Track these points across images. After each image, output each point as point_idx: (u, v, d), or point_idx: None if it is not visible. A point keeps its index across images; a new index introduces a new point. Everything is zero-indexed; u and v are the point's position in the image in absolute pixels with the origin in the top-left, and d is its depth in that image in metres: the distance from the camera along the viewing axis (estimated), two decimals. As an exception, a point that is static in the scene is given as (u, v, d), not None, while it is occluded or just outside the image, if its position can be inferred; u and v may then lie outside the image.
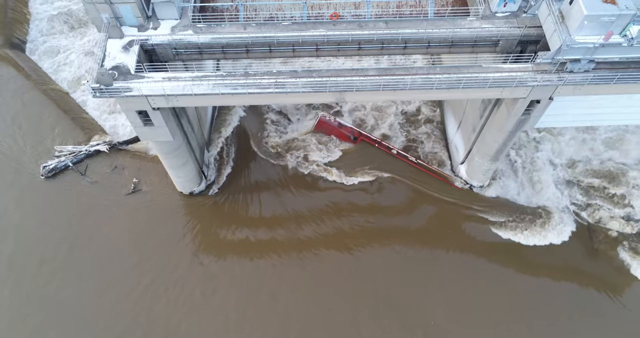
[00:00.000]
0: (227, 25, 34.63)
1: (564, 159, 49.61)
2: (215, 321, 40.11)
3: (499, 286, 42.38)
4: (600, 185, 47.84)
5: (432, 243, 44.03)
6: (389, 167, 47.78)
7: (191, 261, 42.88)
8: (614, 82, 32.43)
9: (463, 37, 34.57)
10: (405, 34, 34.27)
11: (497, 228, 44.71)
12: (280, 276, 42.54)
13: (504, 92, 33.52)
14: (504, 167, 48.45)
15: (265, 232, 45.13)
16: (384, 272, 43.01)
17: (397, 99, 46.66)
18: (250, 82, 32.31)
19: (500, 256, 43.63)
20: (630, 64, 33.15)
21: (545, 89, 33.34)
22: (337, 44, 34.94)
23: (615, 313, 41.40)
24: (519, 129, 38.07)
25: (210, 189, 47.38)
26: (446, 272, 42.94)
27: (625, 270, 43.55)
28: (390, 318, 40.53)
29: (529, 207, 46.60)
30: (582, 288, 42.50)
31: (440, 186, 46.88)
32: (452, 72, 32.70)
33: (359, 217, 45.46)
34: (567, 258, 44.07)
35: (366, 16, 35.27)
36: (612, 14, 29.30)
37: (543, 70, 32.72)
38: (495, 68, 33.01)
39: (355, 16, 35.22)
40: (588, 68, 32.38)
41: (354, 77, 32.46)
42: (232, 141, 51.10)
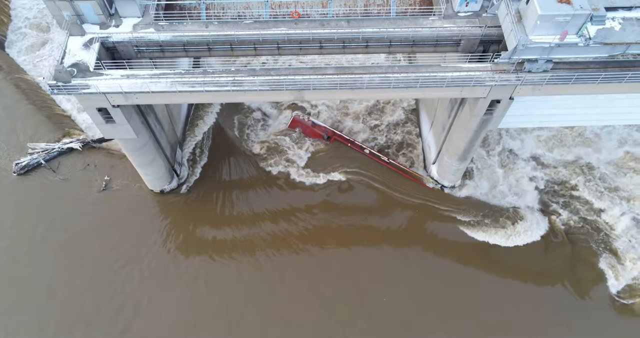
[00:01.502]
0: (189, 23, 34.68)
1: (538, 160, 49.50)
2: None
3: (467, 285, 42.32)
4: (573, 185, 47.72)
5: (400, 243, 44.03)
6: (361, 166, 47.72)
7: (160, 258, 42.88)
8: (572, 82, 32.37)
9: (424, 36, 34.53)
10: (366, 33, 34.27)
11: (466, 228, 44.68)
12: (248, 273, 42.64)
13: (463, 91, 33.47)
14: (479, 167, 48.30)
15: (235, 231, 45.21)
16: (353, 271, 42.96)
17: (356, 98, 46.46)
18: (208, 80, 32.38)
19: (468, 255, 43.57)
20: (589, 64, 33.15)
21: (505, 89, 33.29)
22: (298, 43, 34.95)
23: (581, 313, 41.27)
24: (483, 128, 38.02)
25: (182, 187, 47.38)
26: (413, 271, 42.91)
27: (595, 270, 43.38)
28: (360, 318, 40.53)
29: (501, 207, 46.51)
30: (548, 288, 42.42)
31: (411, 186, 46.85)
32: (410, 71, 32.68)
33: (329, 216, 45.47)
34: (537, 259, 43.96)
35: (329, 15, 35.29)
36: (566, 14, 29.24)
37: (502, 70, 32.68)
38: (454, 68, 32.98)
39: (322, 15, 35.18)
40: (546, 68, 32.33)
41: (311, 76, 32.46)
42: (207, 140, 51.14)
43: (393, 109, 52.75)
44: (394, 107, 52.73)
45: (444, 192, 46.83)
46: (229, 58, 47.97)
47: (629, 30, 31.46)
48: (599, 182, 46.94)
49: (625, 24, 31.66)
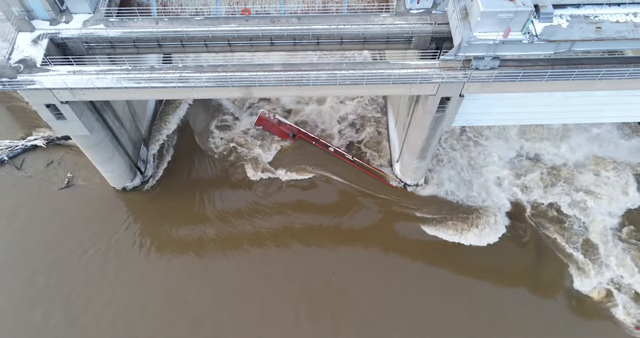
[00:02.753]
0: (140, 19, 34.57)
1: (504, 159, 49.36)
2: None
3: (428, 283, 42.19)
4: (540, 185, 47.59)
5: (361, 242, 43.86)
6: (325, 164, 47.67)
7: (118, 255, 42.79)
8: (519, 79, 32.26)
9: (375, 33, 34.43)
10: (316, 30, 34.17)
11: (427, 226, 44.51)
12: (210, 271, 42.61)
13: (412, 88, 33.38)
14: (443, 165, 48.20)
15: (198, 228, 45.06)
16: (314, 270, 42.82)
17: (304, 94, 46.01)
18: (154, 77, 32.25)
19: (429, 254, 43.44)
20: (537, 61, 33.08)
21: (453, 86, 33.19)
22: (249, 40, 34.84)
23: (542, 312, 41.17)
24: (438, 126, 37.90)
25: (145, 185, 47.29)
26: (373, 269, 42.73)
27: (559, 270, 43.23)
28: (318, 316, 40.46)
29: (466, 206, 46.35)
30: (510, 288, 42.28)
31: (375, 184, 46.73)
32: (357, 68, 32.57)
33: (291, 214, 45.39)
34: (500, 258, 43.78)
35: (280, 11, 35.19)
36: (508, 11, 29.15)
37: (449, 67, 32.56)
38: (402, 65, 32.87)
39: (278, 12, 34.98)
40: (493, 65, 32.22)
41: (258, 73, 32.36)
42: (174, 137, 51.04)
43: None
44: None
45: (407, 190, 46.69)
46: (200, 54, 47.72)
47: (576, 28, 31.35)
48: (566, 182, 46.80)
49: (573, 22, 31.56)
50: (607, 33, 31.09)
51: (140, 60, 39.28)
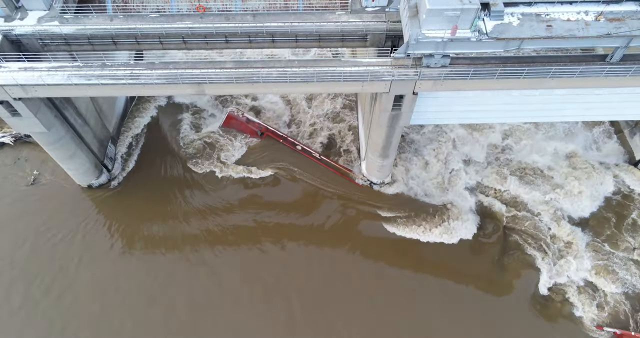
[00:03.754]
0: (95, 16, 34.56)
1: (474, 157, 49.30)
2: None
3: (391, 283, 42.13)
4: (508, 183, 47.50)
5: (326, 240, 43.79)
6: (292, 162, 47.60)
7: (79, 252, 42.86)
8: (470, 77, 32.22)
9: (330, 31, 34.40)
10: (270, 27, 34.15)
11: (391, 224, 44.42)
12: (173, 270, 42.62)
13: (364, 86, 33.36)
14: (410, 163, 48.14)
15: (162, 226, 45.02)
16: (277, 267, 42.81)
17: (257, 92, 45.59)
18: (105, 74, 32.29)
19: (392, 252, 43.37)
20: (489, 59, 33.03)
21: (406, 84, 33.14)
22: (204, 37, 34.83)
23: (505, 312, 41.10)
24: (395, 124, 37.82)
25: (112, 183, 47.29)
26: (336, 267, 42.66)
27: (524, 270, 43.13)
28: (281, 314, 40.58)
29: (432, 205, 46.24)
30: (473, 287, 42.21)
31: (341, 182, 46.67)
32: (309, 66, 32.56)
33: (255, 212, 45.34)
34: (464, 256, 43.73)
35: (235, 9, 35.14)
36: (455, 8, 29.09)
37: (401, 65, 32.54)
38: (354, 62, 32.86)
39: (243, 10, 34.85)
40: (444, 63, 32.19)
41: (209, 70, 32.37)
42: (144, 135, 51.03)
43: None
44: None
45: (373, 188, 46.63)
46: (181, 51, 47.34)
47: (527, 26, 31.29)
48: (535, 181, 46.80)
49: (524, 20, 31.49)
50: (558, 31, 31.06)
51: (111, 56, 39.43)
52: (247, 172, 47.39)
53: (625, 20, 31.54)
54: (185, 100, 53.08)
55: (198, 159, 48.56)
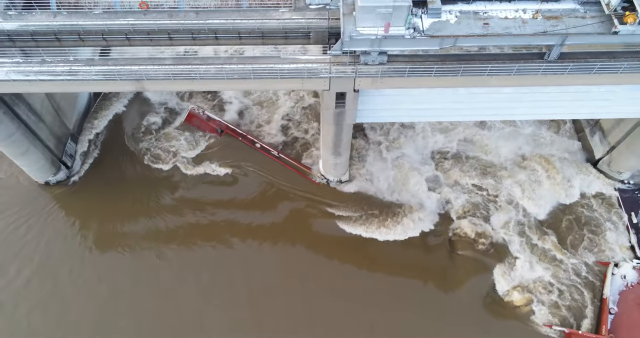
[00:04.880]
0: (39, 12, 34.60)
1: (434, 156, 49.31)
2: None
3: (344, 281, 42.15)
4: (465, 182, 47.52)
5: (277, 239, 43.78)
6: (249, 160, 47.70)
7: (32, 248, 42.97)
8: (407, 74, 32.24)
9: (272, 28, 34.38)
10: (212, 24, 34.17)
11: (345, 223, 44.38)
12: (130, 266, 42.85)
13: (304, 83, 33.39)
14: (368, 161, 48.17)
15: (121, 223, 45.11)
16: (232, 265, 42.84)
17: (196, 88, 44.65)
18: (43, 70, 32.38)
19: (346, 250, 43.31)
20: (428, 57, 33.04)
21: (345, 81, 33.15)
22: (147, 34, 34.83)
23: (456, 310, 41.11)
24: (342, 122, 37.81)
25: (70, 180, 47.40)
26: (290, 266, 42.71)
27: (477, 268, 43.15)
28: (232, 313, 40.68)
29: (388, 203, 46.26)
30: (424, 285, 42.28)
31: (297, 181, 46.72)
32: (247, 63, 32.61)
33: (210, 210, 45.38)
34: (417, 255, 43.73)
35: (179, 6, 35.17)
36: (387, 6, 29.12)
37: (339, 62, 32.57)
38: (293, 59, 32.91)
39: (192, 7, 34.80)
40: (381, 60, 32.21)
41: (148, 66, 32.43)
42: (106, 132, 51.12)
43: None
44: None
45: (330, 186, 46.65)
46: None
47: (464, 24, 31.42)
48: (493, 179, 46.88)
49: (462, 17, 31.63)
50: (494, 29, 31.18)
51: (74, 52, 39.10)
52: (204, 170, 47.42)
53: (563, 18, 31.68)
54: (152, 97, 53.11)
55: (157, 156, 48.62)
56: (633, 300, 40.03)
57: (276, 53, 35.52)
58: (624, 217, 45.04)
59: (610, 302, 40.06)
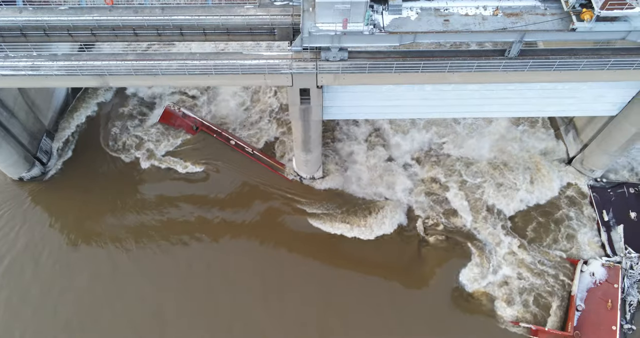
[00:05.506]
0: (4, 8, 34.69)
1: (409, 153, 49.41)
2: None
3: (316, 278, 42.27)
4: (437, 179, 47.64)
5: (250, 236, 43.87)
6: (224, 157, 47.85)
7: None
8: (367, 71, 32.38)
9: (236, 24, 34.41)
10: (177, 20, 34.25)
11: (316, 220, 44.48)
12: (96, 264, 43.02)
13: (267, 79, 33.54)
14: (341, 158, 48.31)
15: (93, 220, 45.27)
16: (203, 263, 42.94)
17: (159, 84, 44.80)
18: (6, 65, 32.56)
19: (317, 247, 43.46)
20: (390, 53, 33.19)
21: (308, 77, 33.31)
22: (112, 29, 34.94)
23: (424, 307, 41.25)
24: (308, 118, 37.96)
25: (45, 176, 47.57)
26: (262, 263, 42.83)
27: (441, 265, 43.28)
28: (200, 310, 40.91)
29: (361, 199, 46.38)
30: (391, 282, 42.39)
31: (270, 177, 46.85)
32: (209, 59, 32.75)
33: (184, 207, 45.50)
34: (388, 252, 43.77)
35: (145, 2, 35.28)
36: (344, 2, 29.17)
37: (302, 58, 32.70)
38: (255, 55, 33.07)
39: (163, 3, 34.87)
40: (342, 57, 32.35)
41: (110, 62, 32.57)
42: (83, 129, 51.28)
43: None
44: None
45: (303, 183, 46.77)
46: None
47: (424, 20, 31.47)
48: (467, 176, 47.05)
49: (422, 14, 31.68)
50: (454, 26, 31.23)
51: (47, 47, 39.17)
52: (178, 167, 47.56)
53: (523, 15, 31.71)
54: (131, 93, 53.27)
55: (132, 153, 48.77)
56: (600, 297, 40.13)
57: (239, 49, 35.58)
58: (595, 215, 45.12)
59: (578, 299, 40.18)
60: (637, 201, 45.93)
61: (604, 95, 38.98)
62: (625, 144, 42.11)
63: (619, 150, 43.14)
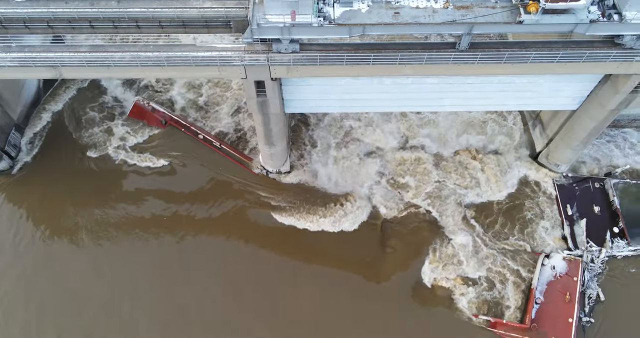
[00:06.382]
0: (-38, 1, 34.88)
1: (379, 148, 49.60)
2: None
3: (279, 271, 42.47)
4: (407, 174, 47.83)
5: (215, 230, 44.04)
6: (191, 151, 47.99)
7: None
8: (318, 63, 32.53)
9: (192, 16, 34.63)
10: (132, 13, 34.42)
11: (280, 213, 44.59)
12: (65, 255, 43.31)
13: (221, 72, 33.66)
14: (312, 153, 48.46)
15: (59, 213, 45.36)
16: (169, 259, 43.09)
17: (113, 76, 44.59)
18: (-43, 56, 32.66)
19: (281, 240, 43.64)
20: (342, 46, 33.34)
21: (261, 69, 33.43)
22: (68, 22, 35.09)
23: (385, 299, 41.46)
24: (267, 111, 38.12)
25: (13, 170, 47.73)
26: (228, 256, 43.01)
27: (407, 259, 43.49)
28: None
29: (326, 194, 46.50)
30: (354, 275, 42.60)
31: (237, 171, 46.99)
32: (163, 50, 32.89)
33: (149, 201, 45.66)
34: (351, 245, 43.93)
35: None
36: (291, -6, 29.42)
37: (254, 50, 32.83)
38: (208, 47, 33.19)
39: None
40: (294, 48, 32.49)
41: (63, 53, 32.72)
42: (53, 123, 51.36)
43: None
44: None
45: (269, 177, 46.93)
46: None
47: (375, 13, 31.66)
48: (434, 169, 47.38)
49: (374, 7, 31.87)
50: (404, 18, 31.43)
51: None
52: (146, 161, 47.69)
53: (473, 7, 31.91)
54: (102, 88, 53.40)
55: (101, 147, 48.87)
56: (559, 290, 40.37)
57: (192, 41, 35.73)
58: (559, 209, 45.32)
59: (538, 292, 40.42)
60: (602, 196, 46.20)
61: (562, 89, 39.22)
62: (586, 138, 42.37)
63: (581, 144, 43.40)
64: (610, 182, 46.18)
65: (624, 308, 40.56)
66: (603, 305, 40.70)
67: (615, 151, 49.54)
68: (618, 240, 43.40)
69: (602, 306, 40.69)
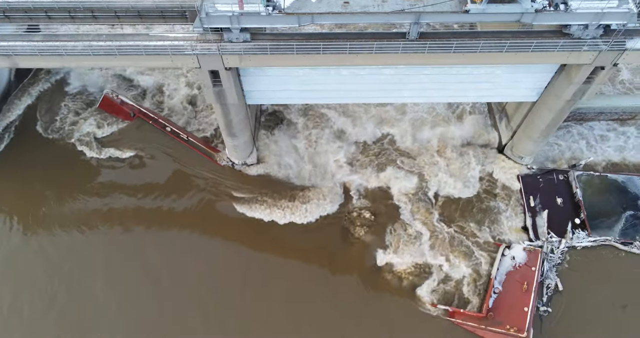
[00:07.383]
0: None
1: (348, 141, 49.91)
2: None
3: (242, 264, 42.73)
4: (373, 166, 48.14)
5: (180, 223, 44.29)
6: (159, 143, 48.22)
7: None
8: (269, 52, 32.80)
9: (147, 7, 34.91)
10: (87, 3, 34.68)
11: (243, 205, 44.80)
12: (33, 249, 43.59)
13: (174, 61, 33.89)
14: (274, 143, 48.71)
15: (29, 206, 45.60)
16: (137, 253, 43.33)
17: (67, 65, 43.40)
18: None
19: (246, 232, 43.83)
20: (294, 35, 33.64)
21: (214, 59, 33.66)
22: (24, 12, 35.28)
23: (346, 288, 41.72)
24: (224, 102, 38.38)
25: (-18, 162, 48.05)
26: (189, 248, 43.23)
27: (367, 248, 43.76)
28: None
29: (293, 185, 46.79)
30: (317, 267, 42.85)
31: (203, 163, 47.22)
32: (115, 40, 33.13)
33: (118, 194, 45.89)
34: (318, 237, 44.20)
35: (58, -15, 35.64)
36: (239, -18, 29.70)
37: (206, 39, 33.10)
38: (161, 37, 33.45)
39: None
40: (245, 38, 32.78)
41: (17, 42, 32.95)
42: (22, 116, 51.60)
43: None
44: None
45: (235, 169, 47.18)
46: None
47: (324, 2, 31.92)
48: (401, 161, 47.82)
49: (325, -4, 32.15)
50: (353, 8, 31.70)
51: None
52: (114, 153, 47.95)
53: (423, -3, 32.21)
54: (72, 82, 53.70)
55: (70, 140, 49.10)
56: (517, 280, 40.66)
57: (145, 31, 35.98)
58: (522, 201, 45.65)
59: (496, 282, 40.73)
60: (565, 187, 46.52)
61: (521, 80, 39.52)
62: (545, 129, 42.69)
63: (541, 136, 43.71)
64: (574, 174, 46.53)
65: (581, 297, 40.86)
66: (561, 295, 41.01)
67: (582, 143, 49.95)
68: (579, 231, 43.72)
69: (561, 296, 41.00)
